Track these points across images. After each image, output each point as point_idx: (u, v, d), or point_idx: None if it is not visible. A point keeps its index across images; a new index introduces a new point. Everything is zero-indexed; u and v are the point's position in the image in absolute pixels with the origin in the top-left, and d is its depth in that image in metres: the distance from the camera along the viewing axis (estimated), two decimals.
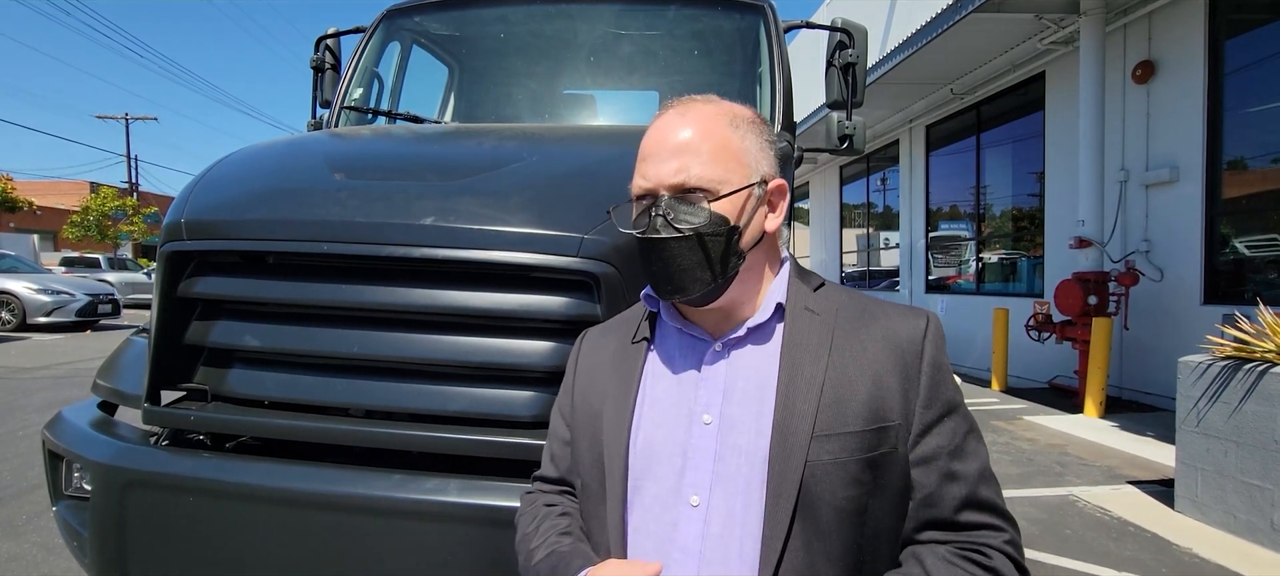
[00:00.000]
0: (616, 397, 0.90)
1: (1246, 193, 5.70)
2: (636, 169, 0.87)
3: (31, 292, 12.43)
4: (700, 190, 0.82)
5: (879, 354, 0.82)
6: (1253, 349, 3.28)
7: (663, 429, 0.86)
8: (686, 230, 0.81)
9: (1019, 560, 0.79)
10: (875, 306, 0.88)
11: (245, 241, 1.47)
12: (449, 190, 1.48)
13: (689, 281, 0.82)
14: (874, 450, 0.78)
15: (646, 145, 0.87)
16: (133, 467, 1.45)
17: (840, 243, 14.08)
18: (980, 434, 0.84)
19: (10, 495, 3.78)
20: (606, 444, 0.88)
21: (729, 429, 0.82)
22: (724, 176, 0.83)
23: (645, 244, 0.84)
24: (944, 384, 0.83)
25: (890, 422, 0.79)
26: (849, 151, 2.71)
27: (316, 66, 2.97)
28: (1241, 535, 3.24)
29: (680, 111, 0.87)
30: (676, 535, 0.81)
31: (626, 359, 0.93)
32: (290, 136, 2.20)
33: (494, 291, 1.38)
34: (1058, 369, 7.19)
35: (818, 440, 0.77)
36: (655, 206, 0.83)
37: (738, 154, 0.85)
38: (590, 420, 0.92)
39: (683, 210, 0.82)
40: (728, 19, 2.80)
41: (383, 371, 1.45)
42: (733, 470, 0.81)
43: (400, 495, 1.29)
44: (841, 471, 0.77)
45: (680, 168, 0.83)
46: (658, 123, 0.88)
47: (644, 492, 0.85)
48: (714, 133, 0.85)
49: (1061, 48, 7.14)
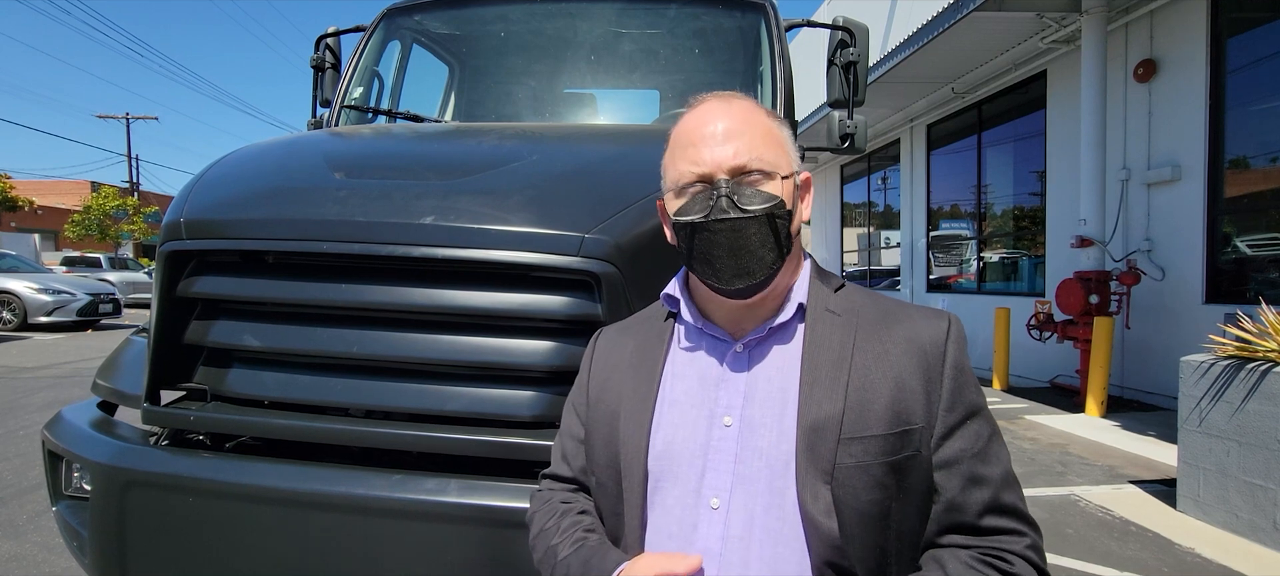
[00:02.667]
0: (635, 397, 0.89)
1: (1249, 191, 5.69)
2: (681, 155, 0.85)
3: (32, 292, 12.44)
4: (759, 172, 0.82)
5: (901, 356, 0.81)
6: (1255, 348, 3.27)
7: (683, 430, 0.85)
8: (755, 210, 0.80)
9: (1041, 565, 0.78)
10: (896, 308, 0.87)
11: (244, 241, 1.46)
12: (449, 189, 1.47)
13: (756, 265, 0.81)
14: (897, 453, 0.77)
15: (690, 132, 0.85)
16: (132, 467, 1.45)
17: (841, 242, 14.07)
18: (1002, 437, 0.83)
19: (11, 494, 3.78)
20: (625, 444, 0.87)
21: (750, 431, 0.81)
22: (776, 161, 0.83)
23: (710, 227, 0.81)
24: (967, 386, 0.82)
25: (913, 426, 0.78)
26: (850, 150, 2.71)
27: (316, 65, 2.97)
28: (1244, 534, 3.23)
29: (723, 100, 0.86)
30: (697, 537, 0.80)
31: (646, 359, 0.92)
32: (290, 135, 2.19)
33: (494, 291, 1.38)
34: (1059, 368, 7.19)
35: (843, 443, 0.77)
36: (715, 190, 0.81)
37: (780, 142, 0.86)
38: (607, 419, 0.91)
39: (747, 192, 0.81)
40: (728, 17, 2.79)
41: (382, 371, 1.45)
42: (753, 472, 0.80)
43: (400, 495, 1.29)
44: (865, 475, 0.76)
45: (737, 151, 0.82)
46: (698, 111, 0.86)
47: (664, 493, 0.84)
48: (758, 120, 0.85)
49: (1063, 46, 7.13)
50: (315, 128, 2.85)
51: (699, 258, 0.83)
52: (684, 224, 0.83)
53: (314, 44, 2.98)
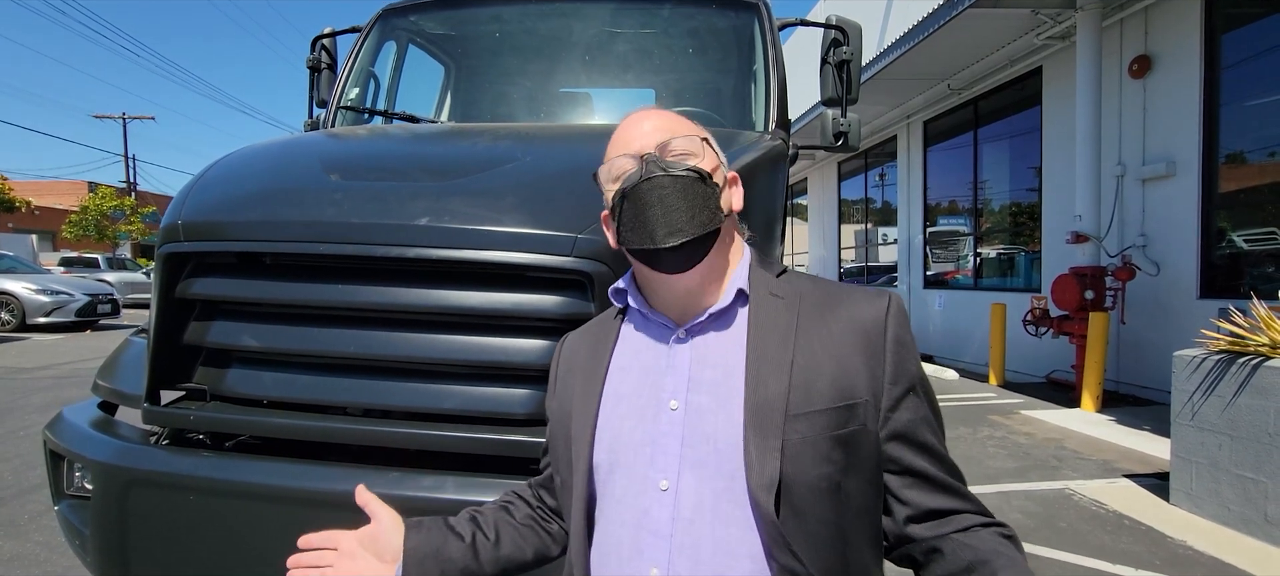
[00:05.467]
0: (582, 396, 0.92)
1: (1243, 186, 5.71)
2: (611, 154, 0.91)
3: (31, 293, 12.43)
4: (684, 151, 0.87)
5: (844, 335, 0.84)
6: (1247, 342, 3.30)
7: (629, 420, 0.87)
8: (680, 173, 0.85)
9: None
10: (839, 291, 0.90)
11: (242, 242, 1.48)
12: (444, 190, 1.49)
13: (686, 222, 0.83)
14: (843, 427, 0.79)
15: (618, 134, 0.92)
16: (133, 467, 1.47)
17: (838, 238, 14.09)
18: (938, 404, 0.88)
19: (11, 494, 3.80)
20: (574, 440, 0.91)
21: (695, 414, 0.83)
22: (699, 150, 0.89)
23: (639, 190, 0.84)
24: (908, 359, 0.84)
25: (858, 399, 0.81)
26: (844, 148, 2.73)
27: (313, 66, 2.98)
28: (1235, 527, 3.26)
29: (644, 109, 0.94)
30: (648, 520, 0.82)
31: (595, 357, 0.95)
32: (287, 137, 2.21)
33: (489, 290, 1.40)
34: (1055, 363, 7.22)
35: (790, 420, 0.79)
36: (644, 161, 0.86)
37: (706, 139, 0.92)
38: (563, 420, 0.95)
39: (671, 161, 0.86)
40: (722, 17, 2.81)
41: (379, 370, 1.47)
42: (701, 454, 0.82)
43: (398, 492, 1.31)
44: (812, 449, 0.78)
45: (661, 131, 0.88)
46: (623, 121, 0.93)
47: (613, 483, 0.86)
48: (680, 123, 0.91)
49: (1058, 43, 7.15)
50: (312, 128, 2.86)
51: (631, 225, 0.85)
52: (616, 193, 0.87)
53: (310, 45, 3.00)
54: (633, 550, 0.82)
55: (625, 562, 0.82)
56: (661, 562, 0.80)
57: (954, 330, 9.44)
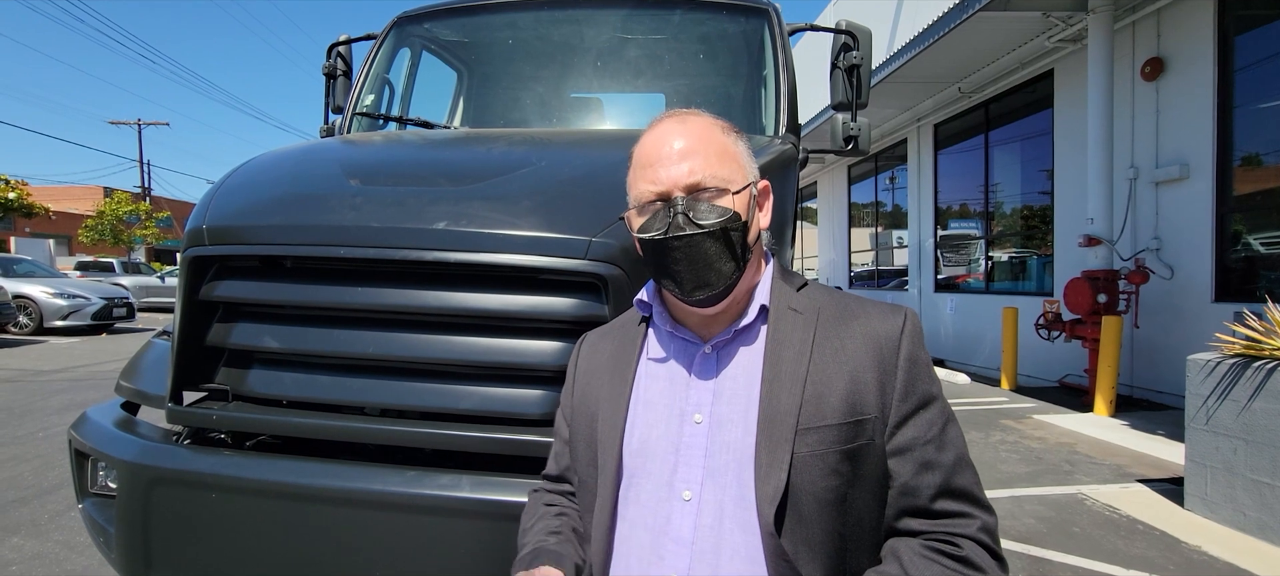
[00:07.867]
0: (611, 399, 0.94)
1: (1258, 189, 5.66)
2: (640, 176, 0.90)
3: (48, 297, 12.62)
4: (713, 188, 0.86)
5: (858, 350, 0.85)
6: (1262, 346, 3.27)
7: (656, 428, 0.89)
8: (709, 225, 0.84)
9: (991, 546, 0.82)
10: (856, 305, 0.91)
11: (264, 246, 1.51)
12: (460, 195, 1.52)
13: (714, 276, 0.85)
14: (851, 442, 0.81)
15: (648, 152, 0.90)
16: (157, 465, 1.50)
17: (849, 242, 14.04)
18: (958, 425, 0.87)
19: (32, 494, 3.87)
20: (602, 443, 0.92)
21: (719, 427, 0.86)
22: (730, 176, 0.87)
23: (669, 243, 0.85)
24: (920, 377, 0.85)
25: (866, 415, 0.82)
26: (854, 152, 2.74)
27: (329, 73, 3.03)
28: (1251, 532, 3.23)
29: (678, 119, 0.90)
30: (670, 527, 0.84)
31: (621, 361, 0.97)
32: (306, 143, 2.25)
33: (504, 293, 1.42)
34: (1068, 367, 7.16)
35: (800, 434, 0.81)
36: (672, 207, 0.85)
37: (735, 156, 0.90)
38: (587, 421, 0.96)
39: (702, 207, 0.85)
40: (732, 22, 2.83)
41: (397, 371, 1.49)
42: (722, 465, 0.84)
43: (415, 491, 1.33)
44: (820, 463, 0.80)
45: (692, 169, 0.86)
46: (655, 131, 0.91)
47: (638, 488, 0.88)
48: (713, 137, 0.89)
49: (1069, 45, 7.11)
50: (328, 134, 2.90)
51: (661, 271, 0.88)
52: (646, 241, 0.88)
53: (326, 52, 3.05)
54: (654, 554, 0.84)
55: (646, 565, 0.85)
56: (682, 569, 0.82)
57: (965, 334, 9.38)
